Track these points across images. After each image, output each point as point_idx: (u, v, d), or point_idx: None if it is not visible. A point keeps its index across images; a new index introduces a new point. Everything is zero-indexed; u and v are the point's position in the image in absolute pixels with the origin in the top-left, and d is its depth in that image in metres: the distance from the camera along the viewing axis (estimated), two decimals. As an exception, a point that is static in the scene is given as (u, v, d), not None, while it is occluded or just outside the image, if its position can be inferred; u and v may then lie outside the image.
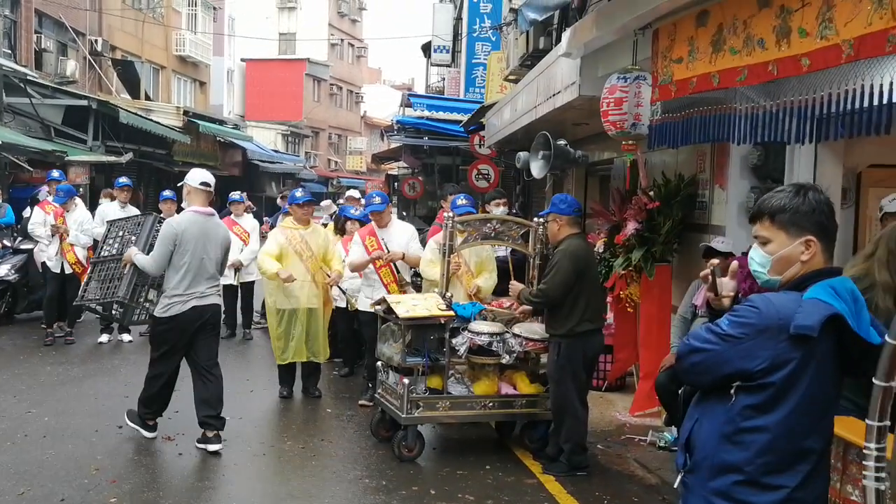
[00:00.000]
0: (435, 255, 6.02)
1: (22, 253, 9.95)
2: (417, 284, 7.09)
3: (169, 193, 9.67)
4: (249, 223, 9.65)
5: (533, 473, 5.24)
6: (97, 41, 22.20)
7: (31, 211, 9.99)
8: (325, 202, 12.36)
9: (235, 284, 9.41)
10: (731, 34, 3.96)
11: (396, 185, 24.85)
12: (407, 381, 5.29)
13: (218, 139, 24.55)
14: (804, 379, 2.09)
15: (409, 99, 18.91)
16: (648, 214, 6.12)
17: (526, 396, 5.55)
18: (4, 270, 9.64)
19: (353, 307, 7.21)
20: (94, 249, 8.24)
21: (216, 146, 24.87)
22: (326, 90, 44.80)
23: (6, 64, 15.48)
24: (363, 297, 6.74)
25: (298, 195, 6.97)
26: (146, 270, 5.55)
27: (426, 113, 16.03)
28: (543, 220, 5.68)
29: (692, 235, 6.16)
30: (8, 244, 10.09)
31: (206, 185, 5.62)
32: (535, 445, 5.61)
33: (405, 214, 19.86)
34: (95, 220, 9.20)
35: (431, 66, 26.13)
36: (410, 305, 5.43)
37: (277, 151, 34.06)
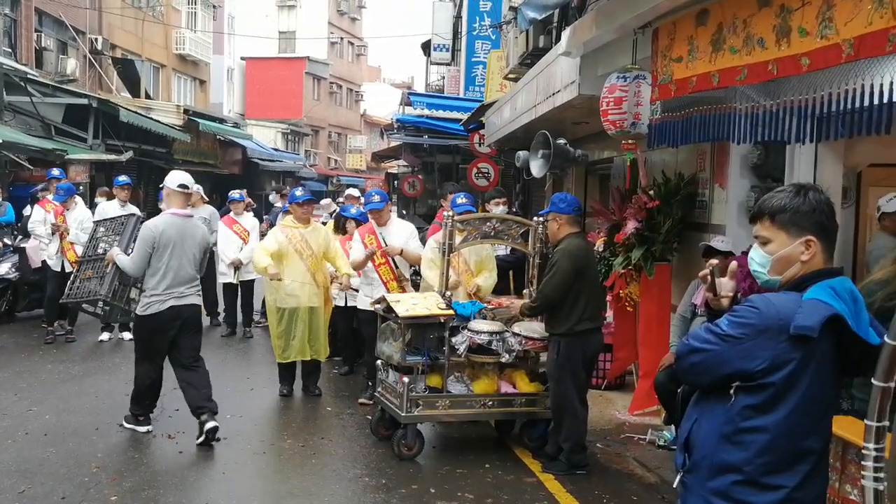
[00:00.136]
0: (435, 254, 6.01)
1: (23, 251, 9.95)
2: (417, 283, 7.10)
3: (168, 192, 9.69)
4: (249, 222, 9.64)
5: (532, 472, 5.25)
6: (97, 40, 22.19)
7: (31, 209, 9.98)
8: (324, 201, 12.36)
9: (235, 283, 9.41)
10: (730, 33, 3.96)
11: (396, 183, 24.85)
12: (407, 379, 5.30)
13: (218, 137, 24.57)
14: (804, 379, 2.10)
15: (408, 97, 18.92)
16: (648, 213, 6.12)
17: (525, 395, 5.56)
18: (5, 269, 9.64)
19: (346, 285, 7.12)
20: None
21: (216, 144, 24.89)
22: (326, 88, 44.77)
23: (6, 62, 15.47)
24: (362, 295, 6.74)
25: (299, 194, 6.98)
26: (126, 271, 5.72)
27: (426, 111, 16.02)
28: (543, 219, 5.68)
29: (692, 234, 6.16)
30: (8, 242, 10.08)
31: (184, 187, 5.75)
32: (534, 444, 5.61)
33: (405, 213, 19.86)
34: (95, 218, 9.19)
35: (431, 64, 26.11)
36: (410, 304, 5.43)
37: (277, 150, 34.05)
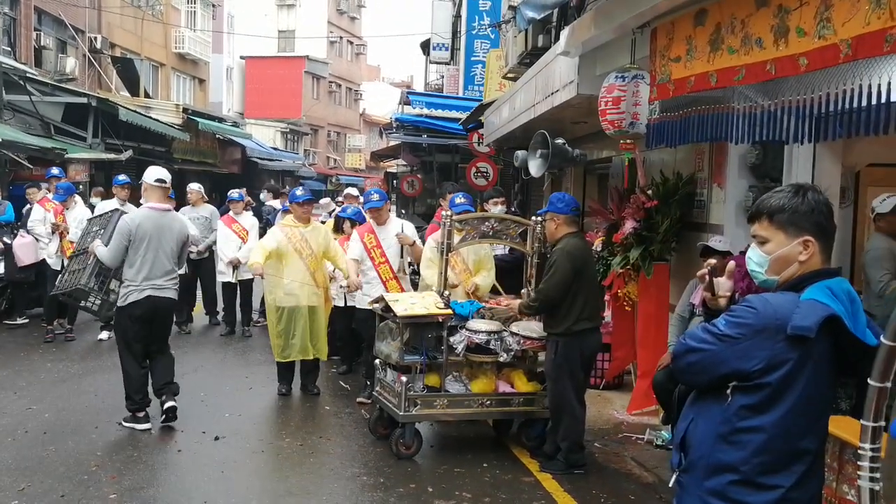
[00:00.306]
0: (434, 253, 6.02)
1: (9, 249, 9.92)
2: (416, 283, 7.11)
3: (167, 191, 9.68)
4: (248, 221, 9.64)
5: (530, 471, 5.26)
6: (97, 38, 22.18)
7: (30, 208, 9.96)
8: (323, 200, 12.37)
9: (234, 282, 9.41)
10: (728, 33, 3.96)
11: (395, 182, 24.87)
12: (405, 378, 5.30)
13: (217, 137, 24.57)
14: (801, 380, 2.10)
15: (408, 96, 18.93)
16: (647, 213, 6.12)
17: (523, 394, 5.57)
18: (2, 268, 9.62)
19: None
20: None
21: (215, 144, 24.88)
22: (325, 88, 44.77)
23: (6, 61, 15.47)
24: (361, 294, 6.74)
25: (299, 193, 6.98)
26: (103, 261, 5.92)
27: (425, 111, 16.02)
28: (541, 218, 5.69)
29: (690, 234, 6.16)
30: (8, 241, 10.07)
31: (161, 181, 5.97)
32: (532, 443, 5.62)
33: (404, 212, 19.87)
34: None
35: (430, 63, 26.09)
36: (408, 304, 5.43)
37: (276, 149, 34.05)
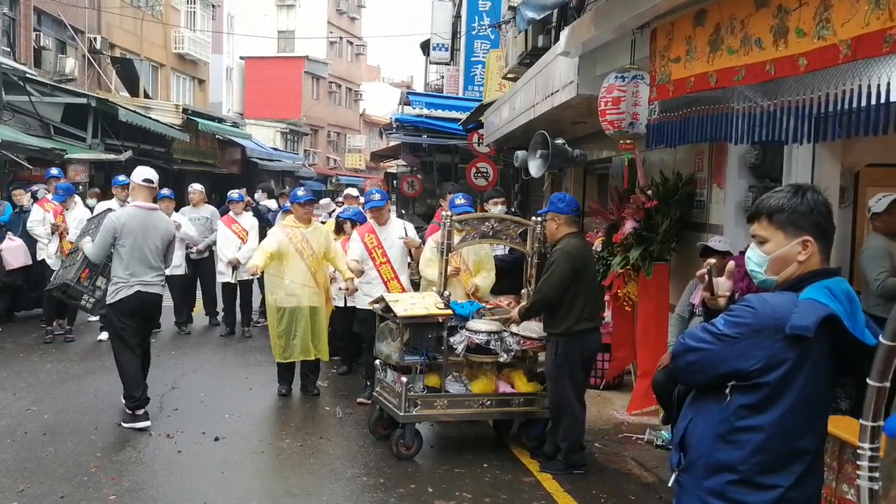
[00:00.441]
0: (434, 253, 6.02)
1: None
2: (417, 283, 7.10)
3: (167, 192, 9.68)
4: (248, 221, 9.63)
5: (530, 471, 5.26)
6: (96, 39, 22.19)
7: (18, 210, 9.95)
8: (323, 200, 12.36)
9: (234, 283, 9.41)
10: (728, 34, 3.96)
11: (395, 183, 24.86)
12: (405, 379, 5.30)
13: (217, 137, 24.58)
14: (799, 379, 2.10)
15: (407, 97, 18.93)
16: (646, 213, 6.12)
17: (523, 395, 5.57)
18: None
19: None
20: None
21: (215, 144, 24.90)
22: (325, 88, 44.77)
23: (5, 62, 15.48)
24: (361, 294, 6.75)
25: (301, 193, 6.97)
26: (89, 257, 6.15)
27: (425, 111, 16.01)
28: (541, 218, 5.69)
29: (690, 234, 6.16)
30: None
31: (148, 181, 6.13)
32: (532, 444, 5.62)
33: (403, 213, 19.86)
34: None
35: (430, 63, 26.10)
36: (409, 304, 5.43)
37: (276, 149, 34.06)
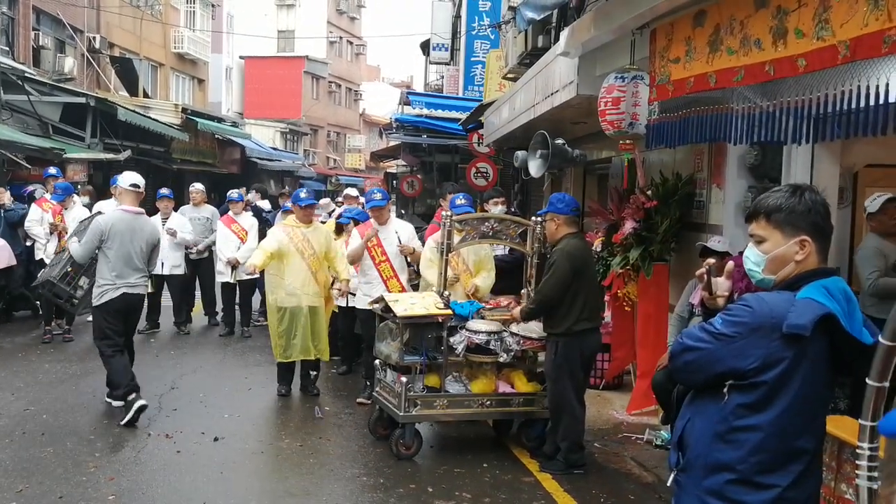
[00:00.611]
0: (434, 254, 6.02)
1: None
2: (416, 283, 7.10)
3: (166, 191, 9.71)
4: (248, 221, 9.63)
5: (530, 471, 5.26)
6: (95, 38, 22.18)
7: (28, 208, 9.95)
8: (323, 200, 12.35)
9: (233, 282, 9.41)
10: (727, 34, 3.97)
11: (395, 183, 24.86)
12: (405, 379, 5.30)
13: (216, 137, 24.58)
14: (796, 378, 2.11)
15: (407, 97, 18.92)
16: (646, 213, 6.13)
17: (523, 395, 5.57)
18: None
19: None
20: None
21: (214, 144, 24.89)
22: (325, 88, 44.75)
23: (4, 61, 15.47)
24: (361, 294, 6.75)
25: (303, 196, 6.95)
26: (75, 257, 6.30)
27: (425, 111, 16.00)
28: (541, 219, 5.69)
29: (690, 234, 6.17)
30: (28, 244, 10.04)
31: (135, 186, 6.30)
32: (532, 444, 5.62)
33: (403, 213, 19.87)
34: None
35: (430, 63, 26.09)
36: (408, 304, 5.44)
37: (276, 149, 34.04)
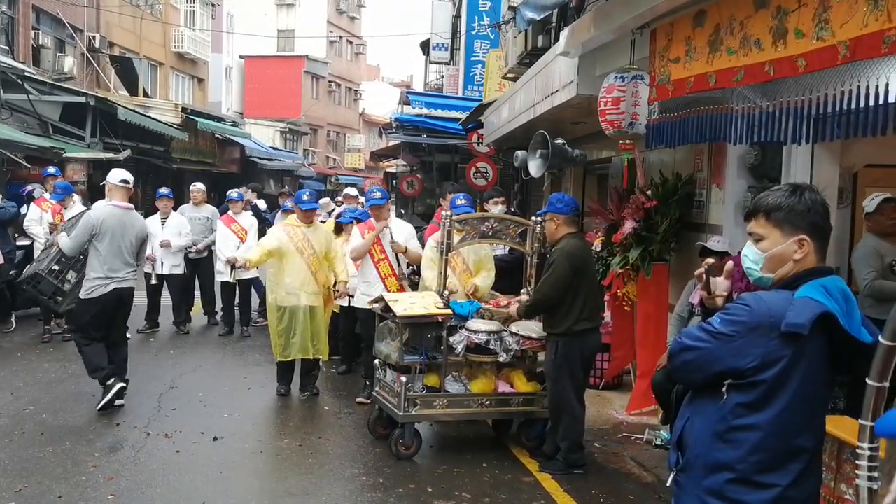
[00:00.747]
0: (434, 254, 6.02)
1: (19, 249, 9.92)
2: (415, 283, 7.10)
3: (166, 191, 9.71)
4: (247, 221, 9.62)
5: (530, 471, 5.26)
6: (95, 38, 22.17)
7: (27, 208, 9.96)
8: (323, 200, 12.35)
9: (233, 282, 9.40)
10: (727, 35, 3.97)
11: (395, 182, 24.86)
12: (404, 379, 5.30)
13: (216, 136, 24.59)
14: (795, 377, 2.11)
15: (407, 96, 18.91)
16: (646, 213, 6.13)
17: (523, 394, 5.57)
18: None
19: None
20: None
21: (214, 143, 24.90)
22: (325, 87, 44.74)
23: (4, 60, 15.46)
24: (360, 294, 6.75)
25: (305, 198, 6.93)
26: (63, 250, 6.36)
27: (425, 110, 16.01)
28: (541, 218, 5.69)
29: (689, 234, 6.17)
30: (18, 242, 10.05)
31: (125, 182, 6.40)
32: (532, 443, 5.62)
33: (403, 212, 19.88)
34: None
35: (430, 63, 26.10)
36: (408, 304, 5.43)
37: (276, 148, 34.06)
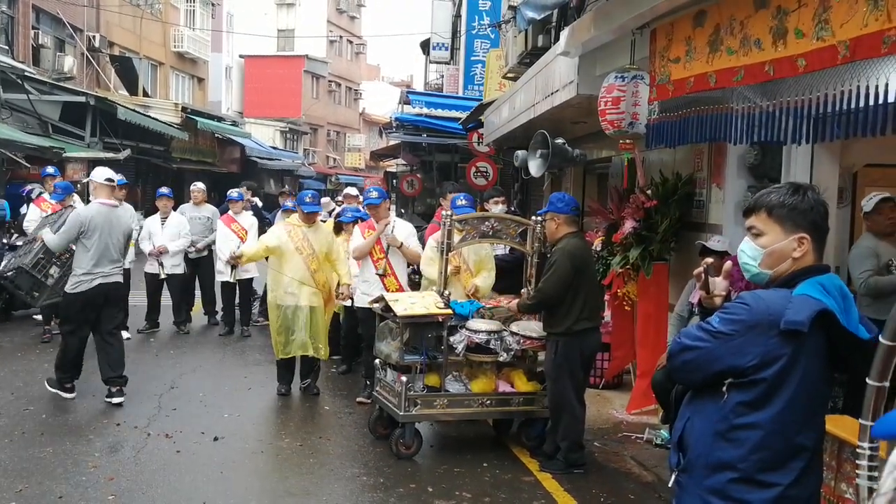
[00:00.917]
0: (435, 253, 6.02)
1: (11, 249, 9.92)
2: (416, 282, 7.10)
3: (166, 190, 9.71)
4: (247, 221, 9.62)
5: (530, 471, 5.26)
6: (95, 37, 22.18)
7: (27, 208, 9.96)
8: (323, 199, 12.36)
9: (233, 282, 9.40)
10: (727, 34, 3.97)
11: (395, 182, 24.87)
12: (405, 378, 5.30)
13: (216, 136, 24.61)
14: (795, 375, 2.12)
15: (407, 96, 18.93)
16: (646, 213, 6.13)
17: (523, 394, 5.57)
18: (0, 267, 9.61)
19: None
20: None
21: (214, 143, 24.92)
22: (325, 87, 44.75)
23: (4, 60, 15.47)
24: (360, 293, 6.75)
25: (308, 200, 6.91)
26: (50, 246, 6.50)
27: (425, 110, 16.01)
28: (541, 218, 5.70)
29: (689, 234, 6.17)
30: (4, 241, 10.06)
31: (109, 180, 6.51)
32: (532, 443, 5.62)
33: (403, 212, 19.89)
34: None
35: (430, 63, 26.10)
36: (408, 304, 5.43)
37: (276, 148, 34.09)
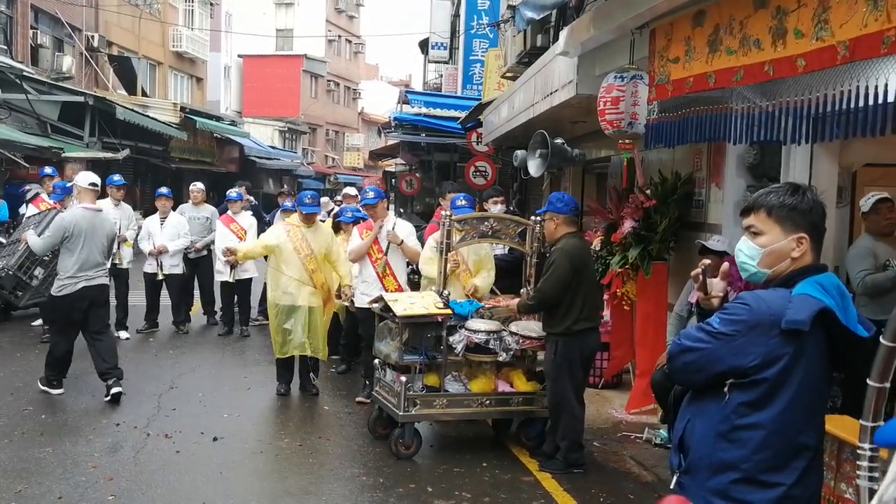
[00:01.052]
0: (434, 252, 6.02)
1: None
2: (415, 282, 7.10)
3: (165, 190, 9.71)
4: (247, 221, 9.62)
5: (529, 471, 5.26)
6: (94, 37, 22.16)
7: (26, 208, 9.95)
8: (322, 199, 12.36)
9: (232, 282, 9.40)
10: (727, 34, 3.97)
11: (394, 181, 24.88)
12: (404, 378, 5.30)
13: (215, 135, 24.61)
14: (796, 374, 2.12)
15: (406, 95, 18.95)
16: (645, 213, 6.13)
17: (523, 394, 5.57)
18: (-1, 266, 9.61)
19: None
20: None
21: (213, 142, 24.91)
22: (324, 86, 44.73)
23: (2, 60, 15.46)
24: (359, 293, 6.75)
25: (307, 201, 6.91)
26: (34, 249, 6.67)
27: (424, 110, 16.01)
28: (540, 218, 5.70)
29: (689, 234, 6.17)
30: (3, 241, 10.05)
31: (93, 185, 6.66)
32: (531, 443, 5.62)
33: (402, 211, 19.88)
34: None
35: (429, 62, 26.11)
36: (408, 304, 5.43)
37: (275, 148, 34.08)
